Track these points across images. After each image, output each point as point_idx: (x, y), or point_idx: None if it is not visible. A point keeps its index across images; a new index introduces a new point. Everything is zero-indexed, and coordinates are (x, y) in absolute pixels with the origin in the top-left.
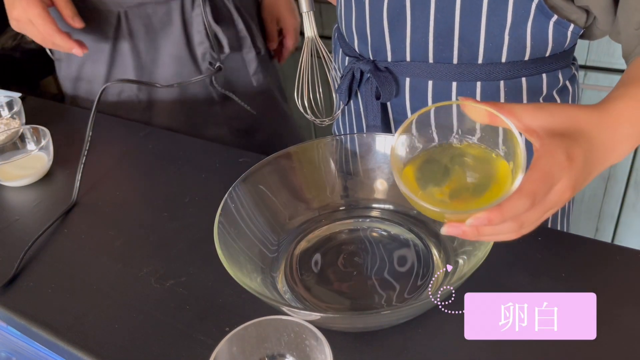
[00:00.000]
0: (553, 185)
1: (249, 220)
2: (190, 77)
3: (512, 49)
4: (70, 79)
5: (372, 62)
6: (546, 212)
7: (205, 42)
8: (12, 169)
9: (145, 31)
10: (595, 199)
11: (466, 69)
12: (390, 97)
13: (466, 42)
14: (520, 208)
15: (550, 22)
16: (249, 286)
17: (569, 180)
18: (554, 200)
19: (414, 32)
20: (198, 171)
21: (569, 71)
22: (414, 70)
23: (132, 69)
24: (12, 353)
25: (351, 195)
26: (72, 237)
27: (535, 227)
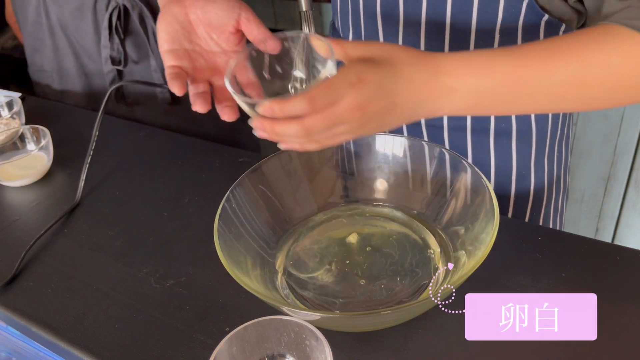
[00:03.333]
0: (336, 98)
1: (249, 220)
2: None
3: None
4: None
5: None
6: (335, 125)
7: (107, 47)
8: (12, 169)
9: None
10: (595, 199)
11: None
12: None
13: (457, 40)
14: (297, 107)
15: (541, 22)
16: (249, 286)
17: (357, 99)
18: (342, 115)
19: (406, 27)
20: (198, 171)
21: None
22: None
23: (50, 49)
24: (12, 353)
25: (351, 195)
26: (72, 237)
27: (328, 142)
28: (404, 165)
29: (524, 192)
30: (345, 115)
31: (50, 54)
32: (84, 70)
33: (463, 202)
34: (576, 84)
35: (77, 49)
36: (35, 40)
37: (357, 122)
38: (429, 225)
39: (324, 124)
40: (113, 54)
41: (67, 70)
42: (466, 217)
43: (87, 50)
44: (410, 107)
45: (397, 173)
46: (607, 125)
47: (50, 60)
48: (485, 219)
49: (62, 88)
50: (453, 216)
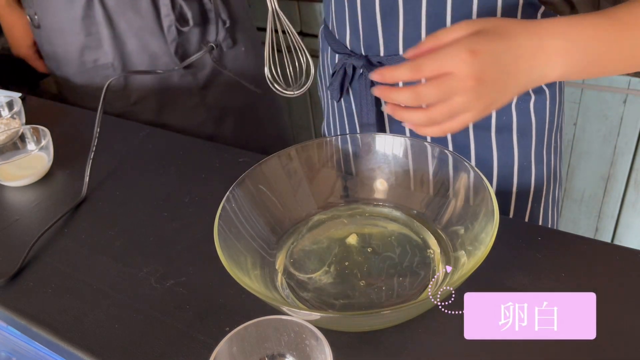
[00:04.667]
0: (442, 65)
1: (249, 220)
2: (159, 50)
3: None
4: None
5: (364, 57)
6: (450, 97)
7: (171, 15)
8: (12, 169)
9: (115, 1)
10: (595, 199)
11: None
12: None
13: None
14: (402, 71)
15: (537, 14)
16: (249, 286)
17: (471, 70)
18: (456, 85)
19: (406, 25)
20: (198, 171)
21: None
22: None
23: (108, 39)
24: (12, 353)
25: (351, 195)
26: (72, 237)
27: (448, 123)
28: (404, 165)
29: (526, 184)
30: (460, 86)
31: (109, 44)
32: (148, 50)
33: (463, 202)
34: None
35: (137, 29)
36: (86, 37)
37: (474, 93)
38: (429, 225)
39: (436, 92)
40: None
41: (129, 55)
42: (466, 217)
43: (148, 27)
44: (524, 75)
45: (397, 173)
46: (607, 125)
47: (110, 51)
48: (485, 219)
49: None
50: (453, 216)
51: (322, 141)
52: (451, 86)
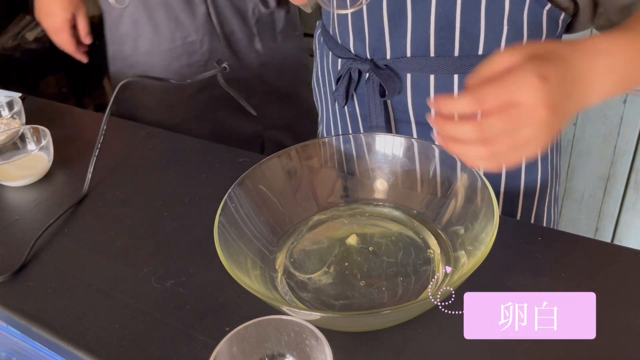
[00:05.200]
0: (511, 94)
1: (249, 220)
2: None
3: (511, 38)
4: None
5: (370, 60)
6: (518, 129)
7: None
8: (12, 169)
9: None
10: (595, 199)
11: (467, 60)
12: (395, 93)
13: (467, 34)
14: (463, 103)
15: (544, 11)
16: (249, 286)
17: (542, 98)
18: (525, 116)
19: (414, 27)
20: (198, 171)
21: None
22: (415, 66)
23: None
24: (12, 353)
25: (351, 195)
26: (72, 237)
27: (512, 156)
28: (404, 165)
29: (532, 183)
30: (530, 116)
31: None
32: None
33: (463, 202)
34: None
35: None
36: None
37: (545, 123)
38: (429, 225)
39: (504, 124)
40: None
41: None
42: (466, 217)
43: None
44: (582, 98)
45: (397, 173)
46: (607, 125)
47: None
48: (485, 219)
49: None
50: (453, 216)
51: (323, 141)
52: (521, 117)
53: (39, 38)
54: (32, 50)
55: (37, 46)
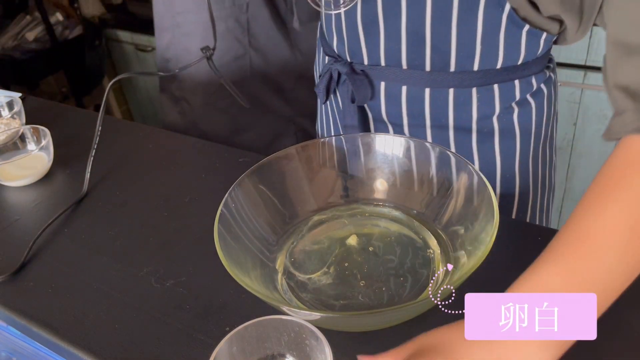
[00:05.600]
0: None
1: (249, 220)
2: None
3: (484, 58)
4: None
5: (349, 64)
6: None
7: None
8: (12, 169)
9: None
10: None
11: (439, 76)
12: (365, 100)
13: (438, 51)
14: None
15: (522, 32)
16: (249, 286)
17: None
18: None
19: (387, 38)
20: (198, 171)
21: (542, 76)
22: (388, 75)
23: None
24: (12, 353)
25: (351, 195)
26: (72, 236)
27: None
28: (403, 165)
29: (509, 193)
30: None
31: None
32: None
33: (463, 202)
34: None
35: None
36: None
37: None
38: (429, 225)
39: None
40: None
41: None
42: (466, 217)
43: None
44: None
45: (397, 173)
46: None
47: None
48: (485, 219)
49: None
50: (453, 216)
51: (323, 141)
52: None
53: (39, 38)
54: (32, 50)
55: (37, 46)
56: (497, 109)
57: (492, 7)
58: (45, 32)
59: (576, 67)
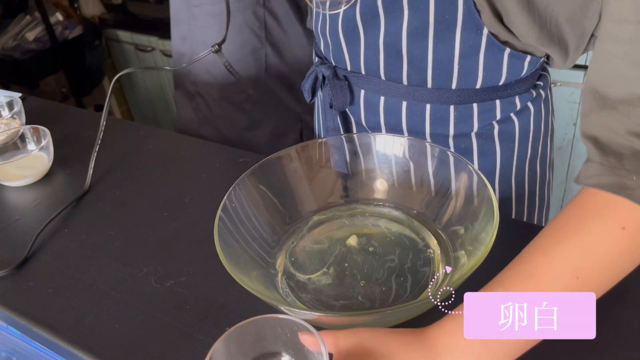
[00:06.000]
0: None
1: (249, 220)
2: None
3: (463, 78)
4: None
5: (333, 67)
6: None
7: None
8: (12, 169)
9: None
10: None
11: (416, 90)
12: (344, 107)
13: (414, 67)
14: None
15: (504, 54)
16: (249, 286)
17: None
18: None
19: (366, 48)
20: (198, 171)
21: (528, 95)
22: (367, 84)
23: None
24: (12, 353)
25: (351, 195)
26: (72, 236)
27: None
28: (404, 165)
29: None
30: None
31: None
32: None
33: (463, 202)
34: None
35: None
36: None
37: None
38: (429, 225)
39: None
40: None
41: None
42: (466, 217)
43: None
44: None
45: (397, 173)
46: None
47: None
48: (485, 219)
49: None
50: (453, 216)
51: (322, 141)
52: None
53: (39, 38)
54: (32, 50)
55: (37, 46)
56: (476, 126)
57: (470, 30)
58: (45, 32)
59: (576, 67)
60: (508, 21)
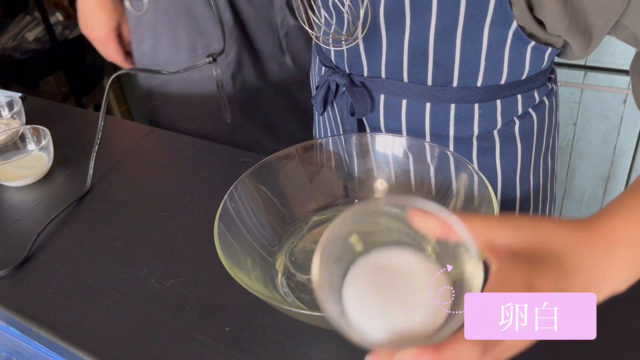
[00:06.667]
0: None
1: (249, 220)
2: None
3: (488, 74)
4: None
5: (347, 75)
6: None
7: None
8: (12, 169)
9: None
10: (595, 199)
11: (440, 91)
12: (365, 113)
13: (440, 67)
14: (466, 355)
15: (527, 48)
16: (249, 286)
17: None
18: (510, 343)
19: (389, 51)
20: (198, 171)
21: (545, 89)
22: (388, 88)
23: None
24: (12, 353)
25: (351, 195)
26: (72, 237)
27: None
28: (404, 165)
29: (510, 206)
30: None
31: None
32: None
33: (463, 202)
34: None
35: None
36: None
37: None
38: None
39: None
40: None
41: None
42: None
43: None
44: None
45: (397, 173)
46: (607, 125)
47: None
48: None
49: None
50: None
51: (322, 141)
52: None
53: (39, 38)
54: (32, 50)
55: (37, 46)
56: (499, 123)
57: (499, 24)
58: (45, 32)
59: (576, 67)
60: (539, 12)
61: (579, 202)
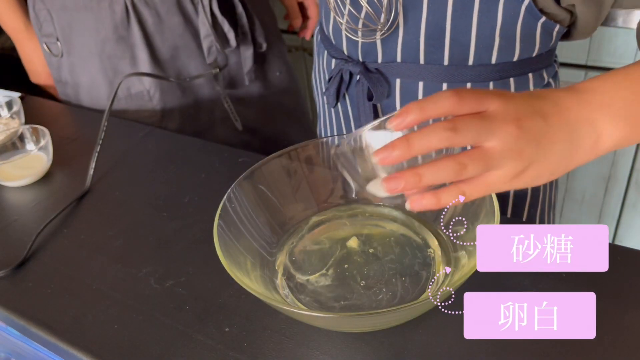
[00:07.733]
0: (482, 99)
1: (249, 220)
2: (198, 71)
3: (502, 50)
4: (69, 83)
5: (361, 63)
6: (484, 129)
7: (211, 36)
8: (11, 169)
9: (153, 21)
10: (595, 199)
11: (456, 70)
12: (383, 98)
13: (457, 44)
14: (442, 97)
15: (538, 23)
16: (249, 286)
17: (507, 110)
18: (492, 121)
19: (405, 33)
20: (198, 171)
21: (552, 69)
22: (404, 72)
23: (146, 62)
24: (11, 353)
25: (351, 195)
26: (72, 237)
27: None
28: (403, 164)
29: (522, 191)
30: (498, 123)
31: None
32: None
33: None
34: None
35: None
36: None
37: (513, 139)
38: (429, 225)
39: (476, 123)
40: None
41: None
42: (466, 217)
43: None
44: (567, 131)
45: (396, 168)
46: None
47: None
48: (486, 219)
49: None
50: (453, 216)
51: (323, 141)
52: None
53: None
54: None
55: None
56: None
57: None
58: None
59: (576, 67)
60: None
61: (580, 202)
